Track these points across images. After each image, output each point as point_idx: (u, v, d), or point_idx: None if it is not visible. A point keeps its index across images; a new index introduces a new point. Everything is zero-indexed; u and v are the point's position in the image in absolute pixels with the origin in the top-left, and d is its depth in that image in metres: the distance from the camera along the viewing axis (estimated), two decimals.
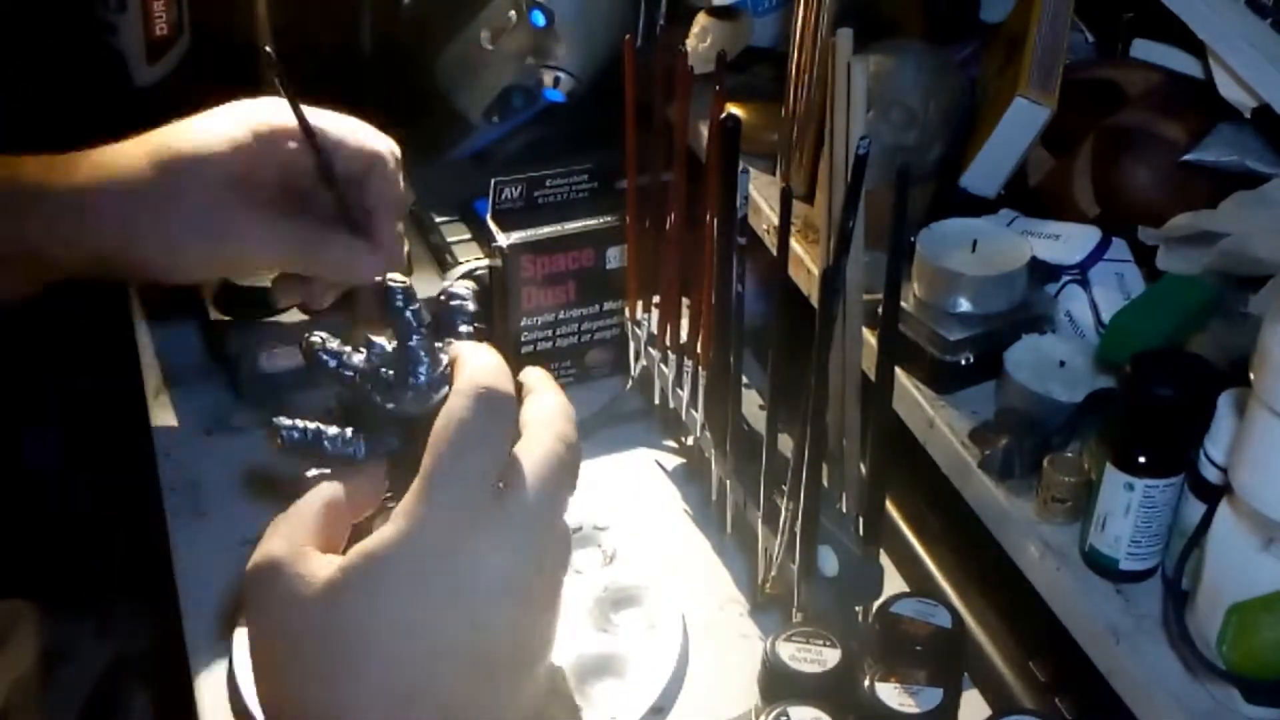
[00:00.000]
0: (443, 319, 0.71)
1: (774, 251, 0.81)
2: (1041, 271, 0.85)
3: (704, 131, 0.94)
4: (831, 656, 0.81)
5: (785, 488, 0.83)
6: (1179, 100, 0.86)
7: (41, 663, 0.99)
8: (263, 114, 0.91)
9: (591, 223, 1.03)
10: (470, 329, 0.71)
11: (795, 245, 0.93)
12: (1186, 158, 0.84)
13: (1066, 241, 0.86)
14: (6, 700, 0.96)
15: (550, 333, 1.06)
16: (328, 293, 0.96)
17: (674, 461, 1.07)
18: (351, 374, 0.68)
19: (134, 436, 1.09)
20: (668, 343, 0.99)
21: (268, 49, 0.85)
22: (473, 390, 0.63)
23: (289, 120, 0.89)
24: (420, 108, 1.19)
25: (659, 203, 0.95)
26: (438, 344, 0.69)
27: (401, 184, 0.94)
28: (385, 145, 0.94)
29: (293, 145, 0.90)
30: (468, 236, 1.13)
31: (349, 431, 0.68)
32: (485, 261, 1.08)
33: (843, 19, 0.83)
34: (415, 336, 0.68)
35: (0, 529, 1.05)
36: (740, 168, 0.81)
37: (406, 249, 0.99)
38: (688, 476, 1.05)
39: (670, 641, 0.90)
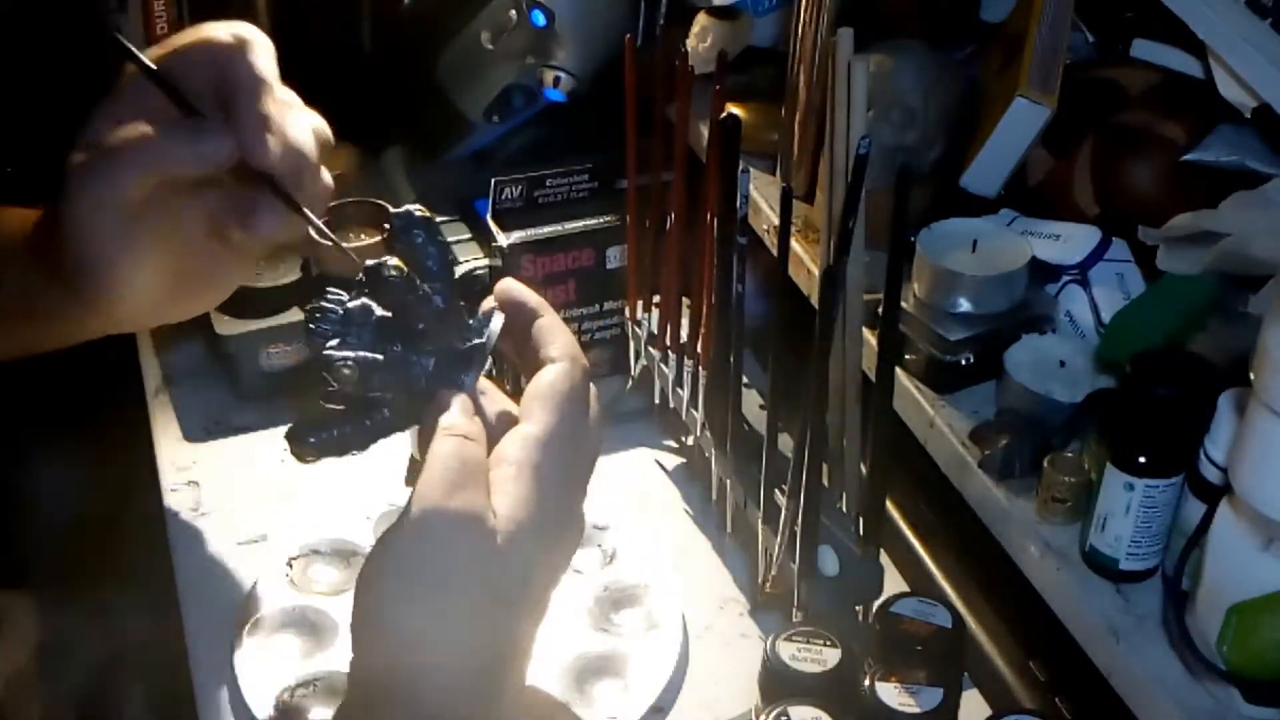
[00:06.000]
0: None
1: (774, 251, 0.81)
2: (1041, 271, 0.85)
3: (704, 131, 0.94)
4: (831, 656, 0.81)
5: (785, 488, 0.83)
6: (1179, 100, 0.86)
7: (38, 656, 0.99)
8: None
9: (591, 223, 1.03)
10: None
11: (795, 245, 0.93)
12: (1186, 158, 0.84)
13: (1066, 241, 0.86)
14: (3, 693, 0.96)
15: None
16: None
17: (674, 461, 1.07)
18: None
19: (134, 436, 1.09)
20: (668, 343, 0.99)
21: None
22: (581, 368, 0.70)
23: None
24: (420, 108, 1.19)
25: (659, 203, 0.95)
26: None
27: (262, 69, 0.78)
28: (231, 35, 0.78)
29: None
30: (468, 236, 1.13)
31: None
32: (485, 261, 1.08)
33: (843, 19, 0.83)
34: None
35: None
36: (740, 168, 0.81)
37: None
38: (688, 476, 1.05)
39: (670, 641, 0.90)
